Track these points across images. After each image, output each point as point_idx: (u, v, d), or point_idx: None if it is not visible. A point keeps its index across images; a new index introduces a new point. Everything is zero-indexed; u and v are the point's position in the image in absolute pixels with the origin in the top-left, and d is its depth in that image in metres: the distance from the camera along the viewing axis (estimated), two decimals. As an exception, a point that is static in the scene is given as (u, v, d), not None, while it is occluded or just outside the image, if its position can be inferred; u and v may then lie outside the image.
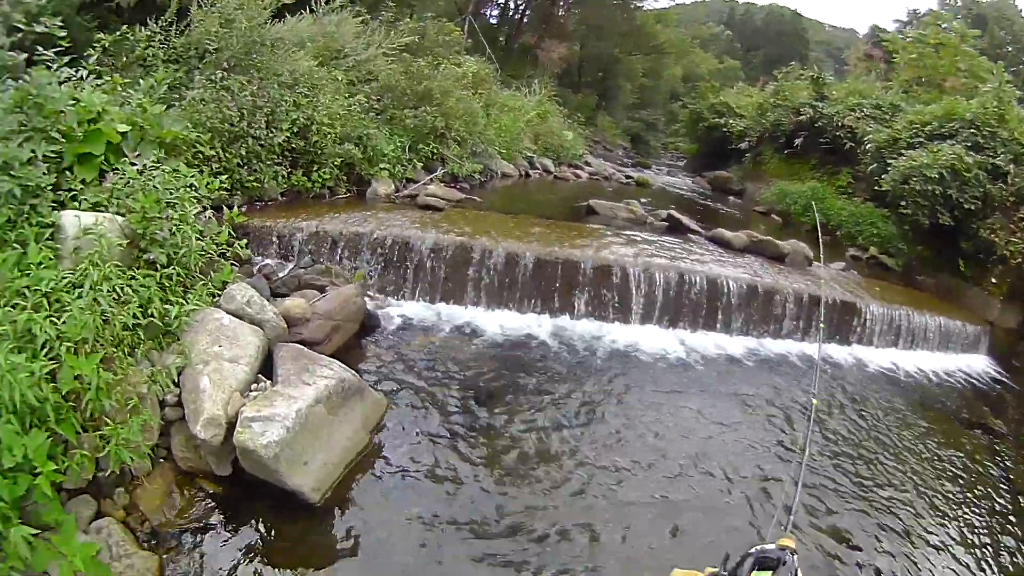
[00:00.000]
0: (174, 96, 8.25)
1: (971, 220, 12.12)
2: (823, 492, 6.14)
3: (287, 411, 4.57)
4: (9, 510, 3.56)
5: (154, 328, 5.12)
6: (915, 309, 10.68)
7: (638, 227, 12.03)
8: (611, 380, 7.46)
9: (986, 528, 6.28)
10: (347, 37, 12.87)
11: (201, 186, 6.59)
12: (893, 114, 17.43)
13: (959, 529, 6.14)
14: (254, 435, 4.35)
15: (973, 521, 6.33)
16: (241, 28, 9.11)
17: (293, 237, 7.99)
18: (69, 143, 5.84)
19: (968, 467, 7.37)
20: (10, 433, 3.64)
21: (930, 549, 5.74)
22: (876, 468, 6.82)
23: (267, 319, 5.81)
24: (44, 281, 4.52)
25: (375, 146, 10.54)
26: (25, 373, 3.82)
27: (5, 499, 3.54)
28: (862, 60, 27.09)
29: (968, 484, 7.00)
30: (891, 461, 7.06)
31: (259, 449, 4.31)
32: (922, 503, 6.41)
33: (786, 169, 21.57)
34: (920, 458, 7.29)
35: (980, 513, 6.51)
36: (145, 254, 5.50)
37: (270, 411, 4.52)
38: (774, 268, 10.83)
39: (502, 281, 8.42)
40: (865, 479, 6.56)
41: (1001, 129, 12.80)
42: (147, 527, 4.33)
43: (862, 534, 5.67)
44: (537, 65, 30.34)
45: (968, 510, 6.50)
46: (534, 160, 17.68)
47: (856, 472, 6.64)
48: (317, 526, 4.60)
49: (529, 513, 5.11)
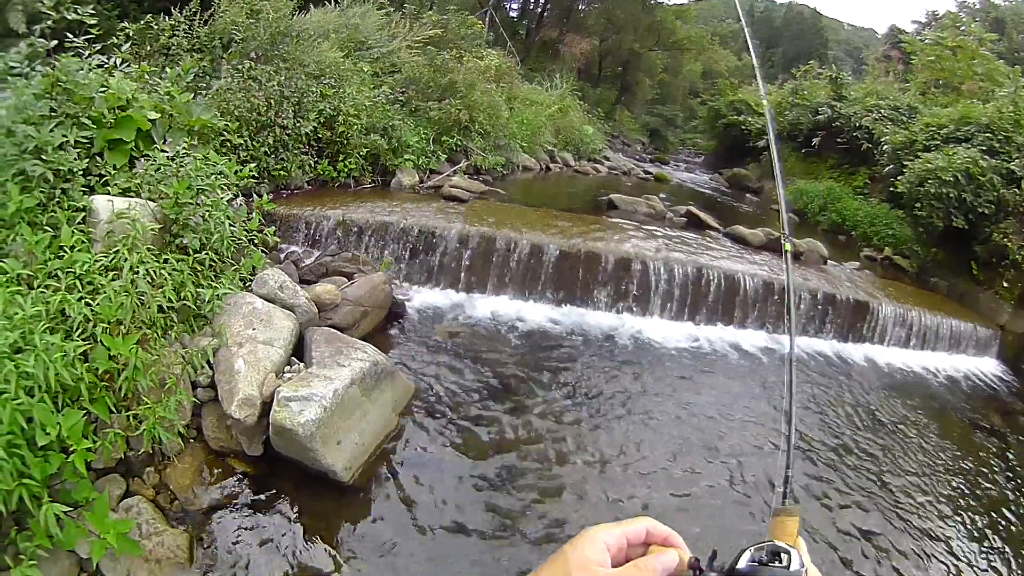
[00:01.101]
0: (200, 85, 8.31)
1: (985, 224, 12.01)
2: (827, 488, 6.15)
3: (324, 391, 4.63)
4: (40, 488, 3.56)
5: (186, 311, 5.19)
6: (927, 310, 10.66)
7: (657, 222, 12.03)
8: (630, 370, 7.51)
9: (991, 527, 6.25)
10: (371, 29, 12.95)
11: (230, 173, 6.65)
12: (910, 116, 17.35)
13: (964, 528, 6.11)
14: (292, 414, 4.42)
15: (978, 520, 6.30)
16: (268, 18, 9.16)
17: (320, 225, 8.07)
18: (99, 129, 5.89)
19: (974, 468, 7.33)
20: (45, 412, 3.66)
21: (933, 545, 5.72)
22: (881, 465, 6.80)
23: (299, 304, 5.88)
24: (78, 263, 4.57)
25: (400, 137, 10.58)
26: (59, 353, 3.84)
27: (36, 477, 3.54)
28: (880, 60, 26.89)
29: (974, 484, 6.96)
30: (897, 458, 7.04)
31: (296, 428, 4.37)
32: (926, 500, 6.39)
33: (804, 168, 21.44)
34: (926, 457, 7.25)
35: (985, 512, 6.48)
36: (177, 239, 5.57)
37: (307, 391, 4.58)
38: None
39: (526, 272, 8.47)
40: (871, 475, 6.55)
41: (1016, 134, 12.67)
42: (177, 506, 4.39)
43: (866, 531, 5.67)
44: (558, 59, 30.30)
45: (973, 510, 6.47)
46: (554, 154, 17.74)
47: (861, 469, 6.63)
48: (347, 505, 4.65)
49: (554, 496, 5.17)
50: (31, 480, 3.51)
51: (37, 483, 3.54)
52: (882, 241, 14.94)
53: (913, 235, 14.03)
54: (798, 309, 9.52)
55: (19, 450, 3.50)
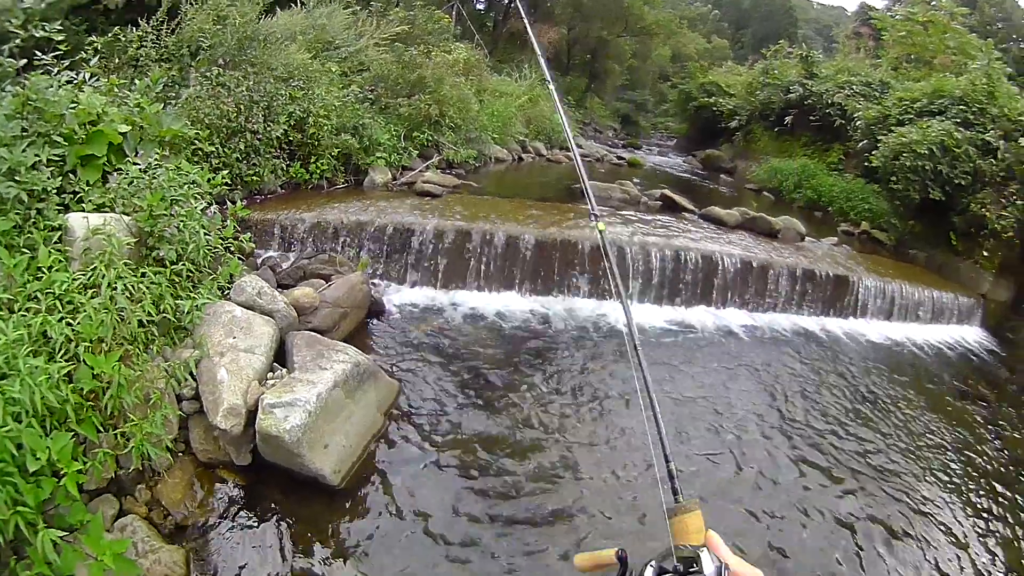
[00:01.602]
0: (169, 94, 8.28)
1: (962, 195, 12.24)
2: (813, 463, 6.27)
3: (308, 395, 4.66)
4: (34, 515, 3.57)
5: (167, 324, 5.20)
6: (908, 282, 10.85)
7: (632, 207, 12.14)
8: (613, 358, 7.54)
9: (979, 495, 6.41)
10: (338, 29, 12.89)
11: (203, 182, 6.65)
12: (882, 91, 17.52)
13: (951, 497, 6.26)
14: (277, 421, 4.44)
15: (965, 488, 6.46)
16: (235, 24, 9.13)
17: (295, 228, 8.08)
18: (71, 146, 5.86)
19: (960, 436, 7.51)
20: (33, 436, 3.65)
21: (922, 515, 5.85)
22: (868, 440, 6.92)
23: (278, 309, 5.89)
24: (57, 283, 4.56)
25: (371, 135, 10.56)
26: (43, 376, 3.84)
27: (30, 504, 3.54)
28: (851, 38, 27.03)
29: (960, 452, 7.13)
30: (884, 432, 7.17)
31: (283, 434, 4.40)
32: (914, 470, 6.54)
33: (777, 147, 21.65)
34: (913, 429, 7.41)
35: (972, 480, 6.65)
36: (154, 252, 5.57)
37: (291, 396, 4.61)
38: (767, 244, 10.97)
39: (503, 264, 8.51)
40: (857, 451, 6.66)
41: (991, 106, 12.91)
42: (171, 521, 4.40)
43: (855, 505, 5.77)
44: (526, 50, 30.20)
45: (960, 478, 6.64)
46: (526, 144, 17.75)
47: (847, 445, 6.75)
48: (338, 508, 4.69)
49: (543, 487, 5.22)
50: (26, 507, 3.51)
51: (31, 510, 3.53)
52: (859, 216, 15.12)
53: (890, 209, 14.26)
54: (776, 286, 9.70)
55: (11, 478, 3.49)
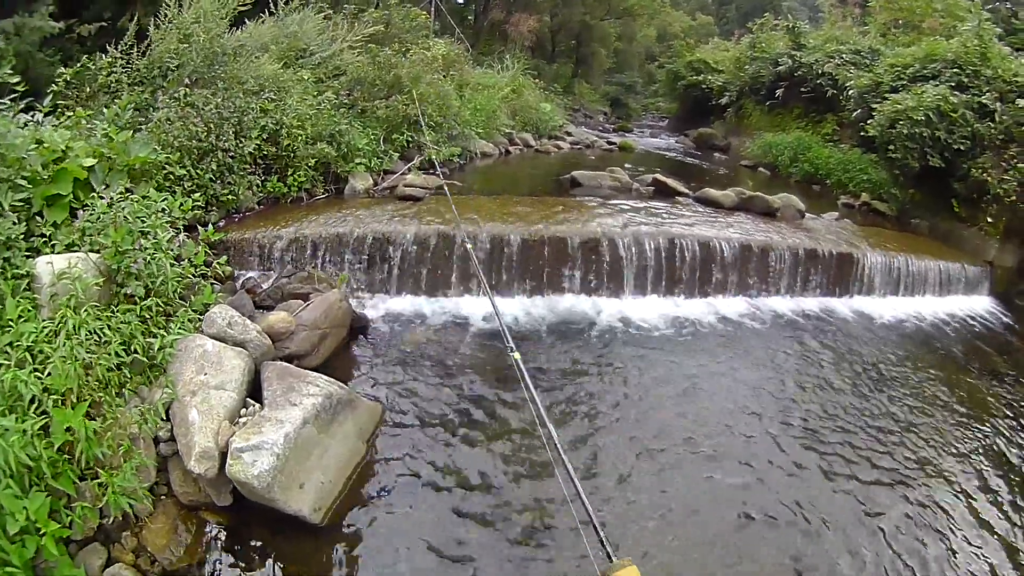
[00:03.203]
0: (140, 119, 8.18)
1: (962, 161, 12.01)
2: (830, 452, 6.20)
3: (275, 437, 4.52)
4: (21, 573, 3.61)
5: (140, 364, 5.11)
6: (913, 255, 10.68)
7: (624, 195, 11.96)
8: (611, 359, 7.42)
9: (1002, 472, 6.36)
10: (311, 35, 12.70)
11: (174, 208, 6.56)
12: (873, 58, 17.26)
13: (969, 475, 6.21)
14: (245, 466, 4.33)
15: (982, 466, 6.39)
16: (200, 41, 9.03)
17: (273, 246, 7.89)
18: (36, 187, 5.80)
19: (979, 413, 7.39)
20: (10, 498, 3.67)
21: (939, 489, 5.86)
22: (883, 419, 6.87)
23: (250, 339, 5.71)
24: (25, 335, 4.53)
25: (348, 142, 10.36)
26: (16, 435, 3.83)
27: (16, 563, 3.58)
28: (836, 6, 26.70)
29: (981, 429, 7.04)
30: (899, 410, 7.11)
31: (252, 480, 4.29)
32: (934, 451, 6.48)
33: (770, 121, 21.47)
34: (928, 405, 7.32)
35: (989, 456, 6.58)
36: (123, 288, 5.46)
37: (259, 439, 4.48)
38: (767, 224, 10.79)
39: (488, 267, 8.34)
40: (870, 424, 6.67)
41: (984, 67, 12.68)
42: (158, 568, 4.33)
43: (871, 482, 5.80)
44: (507, 40, 30.06)
45: (978, 453, 6.58)
46: (513, 136, 17.55)
47: (862, 424, 6.70)
48: (322, 547, 4.59)
49: (536, 509, 5.09)
50: (13, 567, 3.57)
51: (19, 568, 3.60)
52: (858, 187, 14.94)
53: (889, 178, 14.07)
54: (778, 268, 9.61)
55: (-5, 539, 3.51)
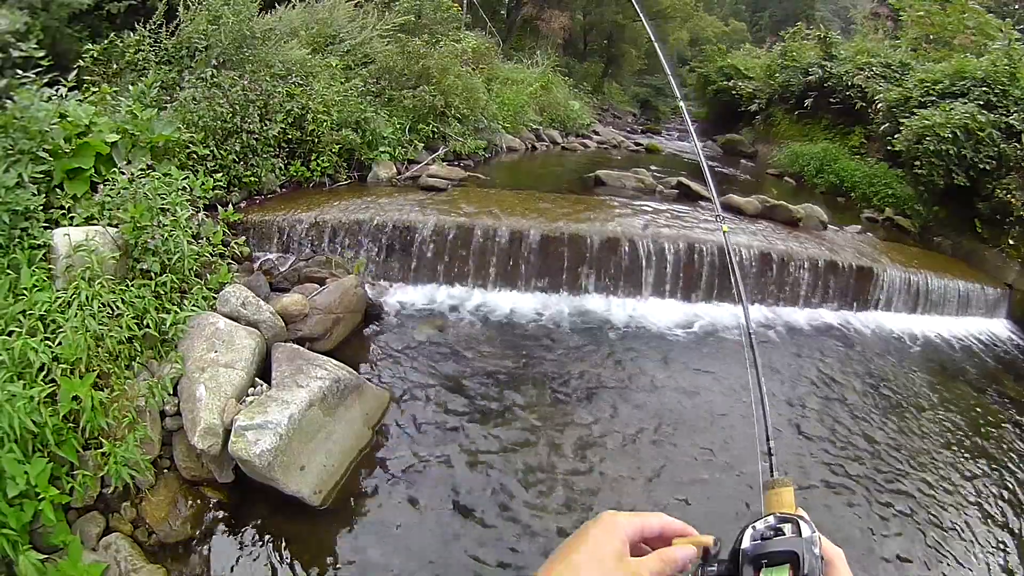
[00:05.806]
0: (166, 98, 8.24)
1: (987, 180, 11.78)
2: (834, 463, 6.09)
3: (279, 417, 4.53)
4: (17, 536, 3.65)
5: (151, 338, 5.15)
6: (933, 273, 10.44)
7: (647, 196, 11.82)
8: (625, 359, 7.34)
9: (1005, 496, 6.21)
10: (341, 22, 12.71)
11: (195, 187, 6.61)
12: (903, 73, 16.98)
13: (977, 497, 6.07)
14: (248, 444, 4.34)
15: (990, 490, 6.25)
16: (229, 23, 9.07)
17: (293, 230, 7.91)
18: (57, 160, 5.85)
19: (989, 436, 7.23)
20: (12, 462, 3.72)
21: (944, 514, 5.69)
22: (892, 441, 6.70)
23: (263, 319, 5.75)
24: (38, 304, 4.58)
25: (374, 129, 10.35)
26: (23, 400, 3.87)
27: (13, 526, 3.63)
28: (869, 19, 26.44)
29: (992, 458, 6.86)
30: (909, 433, 6.95)
31: (253, 459, 4.30)
32: (943, 478, 6.30)
33: (798, 130, 21.17)
34: (939, 429, 7.15)
35: (997, 481, 6.42)
36: (139, 263, 5.51)
37: (263, 418, 4.49)
38: (788, 233, 10.60)
39: (506, 261, 8.27)
40: (879, 445, 6.51)
41: (1013, 87, 12.44)
42: (154, 540, 4.37)
43: (873, 502, 5.64)
44: (539, 36, 29.96)
45: (985, 478, 6.42)
46: (540, 132, 17.41)
47: (871, 440, 6.58)
48: (322, 527, 4.60)
49: (539, 505, 5.07)
50: (10, 530, 3.61)
51: (15, 531, 3.64)
52: (882, 201, 14.64)
53: (914, 194, 13.79)
54: (797, 278, 9.43)
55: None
